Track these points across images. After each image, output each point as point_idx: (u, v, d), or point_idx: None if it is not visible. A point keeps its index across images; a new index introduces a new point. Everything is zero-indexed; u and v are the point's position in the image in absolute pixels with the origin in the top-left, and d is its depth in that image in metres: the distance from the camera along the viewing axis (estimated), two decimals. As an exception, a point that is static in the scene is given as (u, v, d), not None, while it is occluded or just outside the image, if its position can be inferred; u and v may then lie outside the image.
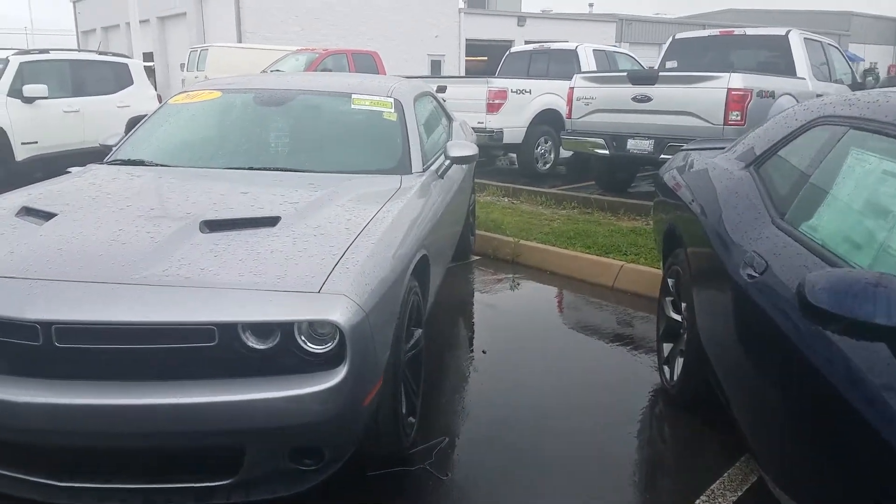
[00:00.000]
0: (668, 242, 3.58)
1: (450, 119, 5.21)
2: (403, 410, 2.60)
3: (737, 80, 6.63)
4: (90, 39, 31.08)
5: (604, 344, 4.01)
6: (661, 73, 7.09)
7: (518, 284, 5.21)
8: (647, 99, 7.10)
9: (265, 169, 3.24)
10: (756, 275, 2.27)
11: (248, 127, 3.70)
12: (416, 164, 3.51)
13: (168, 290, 2.00)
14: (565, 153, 9.30)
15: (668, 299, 3.54)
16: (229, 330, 1.98)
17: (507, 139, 9.16)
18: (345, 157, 3.49)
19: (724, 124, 6.68)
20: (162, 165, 3.32)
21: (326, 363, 2.05)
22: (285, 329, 2.02)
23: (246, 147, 3.50)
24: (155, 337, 1.95)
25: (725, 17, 40.38)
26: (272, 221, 2.49)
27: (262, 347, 2.02)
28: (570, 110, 7.83)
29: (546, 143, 9.73)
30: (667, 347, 3.50)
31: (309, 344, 2.05)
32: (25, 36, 48.35)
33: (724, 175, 2.97)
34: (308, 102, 3.80)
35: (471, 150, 3.75)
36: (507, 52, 11.44)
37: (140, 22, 27.57)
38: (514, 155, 10.10)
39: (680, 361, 3.24)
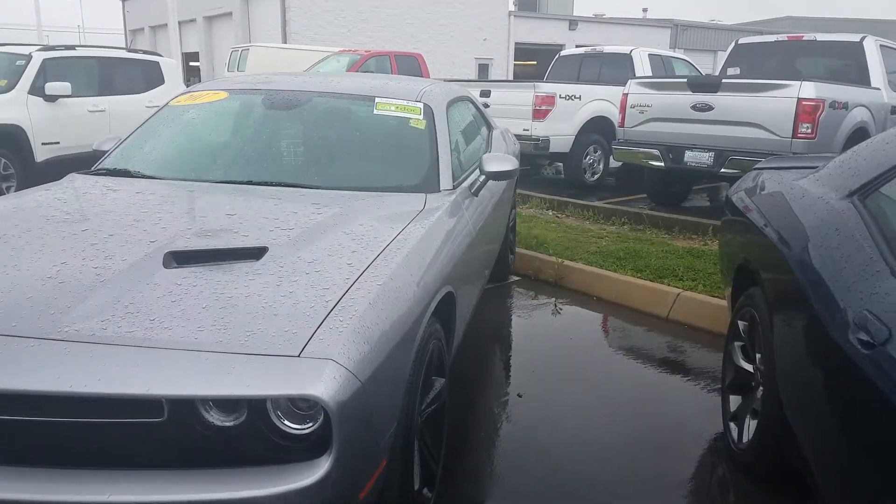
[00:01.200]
0: (740, 279, 3.02)
1: (490, 127, 4.71)
2: (416, 486, 2.12)
3: (808, 90, 5.99)
4: (139, 38, 31.57)
5: (659, 390, 3.46)
6: (724, 80, 6.47)
7: (560, 311, 4.68)
8: (709, 108, 6.48)
9: (266, 184, 2.80)
10: (873, 343, 1.72)
11: (252, 133, 3.27)
12: (446, 180, 3.04)
13: (100, 350, 1.56)
14: (615, 163, 8.72)
15: (738, 345, 2.98)
16: (182, 404, 1.53)
17: (553, 148, 8.63)
18: (361, 172, 3.04)
19: (792, 137, 6.05)
20: (149, 177, 2.92)
21: (308, 449, 1.59)
22: (254, 405, 1.56)
23: (247, 157, 3.08)
24: (82, 410, 1.52)
25: (783, 25, 38.85)
26: (257, 253, 2.04)
27: (225, 424, 1.57)
28: (623, 118, 7.25)
29: (595, 152, 9.15)
30: (734, 401, 2.95)
31: (286, 422, 1.59)
32: (78, 34, 49.67)
33: (817, 205, 2.41)
34: (324, 106, 3.36)
35: (509, 164, 3.26)
36: (557, 56, 10.89)
37: (187, 21, 27.90)
38: (561, 164, 9.55)
39: (752, 424, 2.68)
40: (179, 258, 2.00)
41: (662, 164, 6.88)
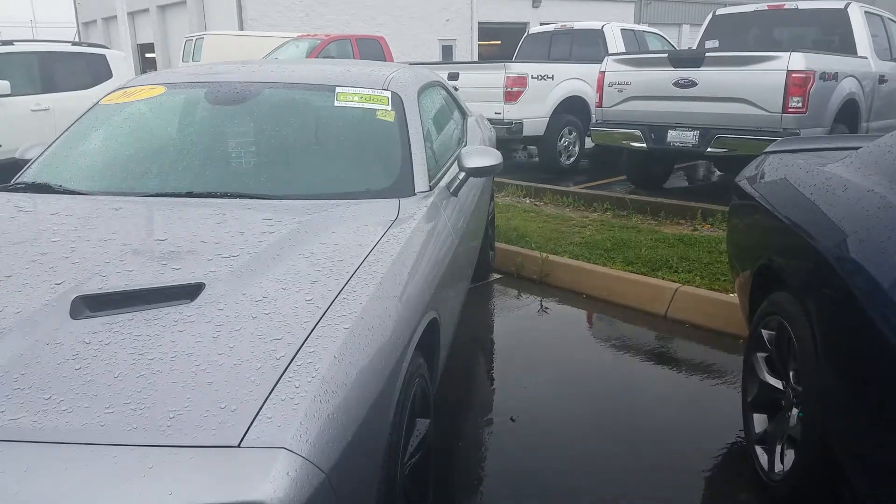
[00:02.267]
0: (762, 282, 2.66)
1: (464, 114, 4.29)
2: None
3: (798, 61, 5.66)
4: (91, 31, 30.32)
5: (668, 404, 3.10)
6: (707, 54, 6.11)
7: (547, 312, 4.30)
8: (692, 84, 6.13)
9: (209, 195, 2.35)
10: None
11: (193, 135, 2.81)
12: (421, 181, 2.62)
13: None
14: (590, 145, 8.36)
15: (762, 356, 2.63)
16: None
17: (527, 131, 8.23)
18: (322, 176, 2.60)
19: (782, 112, 5.73)
20: (71, 192, 2.44)
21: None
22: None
23: (187, 163, 2.61)
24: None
25: (747, -5, 38.82)
26: (190, 292, 1.61)
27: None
28: (601, 98, 6.88)
29: (570, 134, 8.78)
30: (759, 421, 2.60)
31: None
32: (31, 29, 47.79)
33: (868, 200, 2.04)
34: (276, 99, 2.91)
35: (492, 157, 2.85)
36: (526, 34, 10.46)
37: (140, 11, 26.81)
38: (534, 148, 9.16)
39: (788, 452, 2.33)
40: (92, 304, 1.56)
41: (644, 145, 6.52)
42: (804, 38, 7.39)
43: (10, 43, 7.75)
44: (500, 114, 8.05)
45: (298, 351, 1.40)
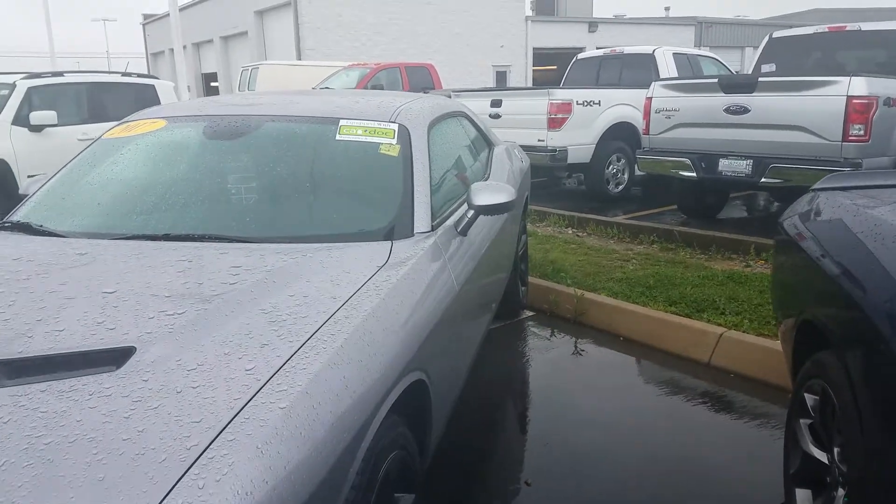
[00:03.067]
0: (805, 337, 2.33)
1: (490, 145, 4.07)
2: None
3: (859, 86, 5.24)
4: (159, 61, 31.59)
5: (710, 472, 2.77)
6: (760, 79, 5.74)
7: (581, 355, 4.01)
8: (744, 110, 5.76)
9: (185, 238, 2.20)
10: None
11: (182, 171, 2.67)
12: (422, 220, 2.41)
13: None
14: (640, 172, 8.01)
15: (805, 423, 2.29)
16: None
17: (572, 159, 7.94)
18: (310, 216, 2.42)
19: (842, 140, 5.30)
20: (48, 234, 2.33)
21: None
22: None
23: (170, 203, 2.47)
24: None
25: (812, 18, 37.52)
26: (116, 358, 1.43)
27: None
28: (648, 125, 6.56)
29: (619, 161, 8.45)
30: (802, 497, 2.26)
31: None
32: (107, 59, 50.31)
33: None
34: (275, 133, 2.75)
35: (504, 194, 2.61)
36: (574, 59, 10.22)
37: (204, 42, 27.81)
38: (582, 175, 8.85)
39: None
40: (8, 371, 1.40)
41: (694, 174, 6.16)
42: (869, 62, 6.91)
43: (60, 74, 8.00)
44: (543, 141, 7.81)
45: (215, 439, 1.20)
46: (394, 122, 2.77)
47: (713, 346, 3.80)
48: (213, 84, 27.71)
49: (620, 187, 8.56)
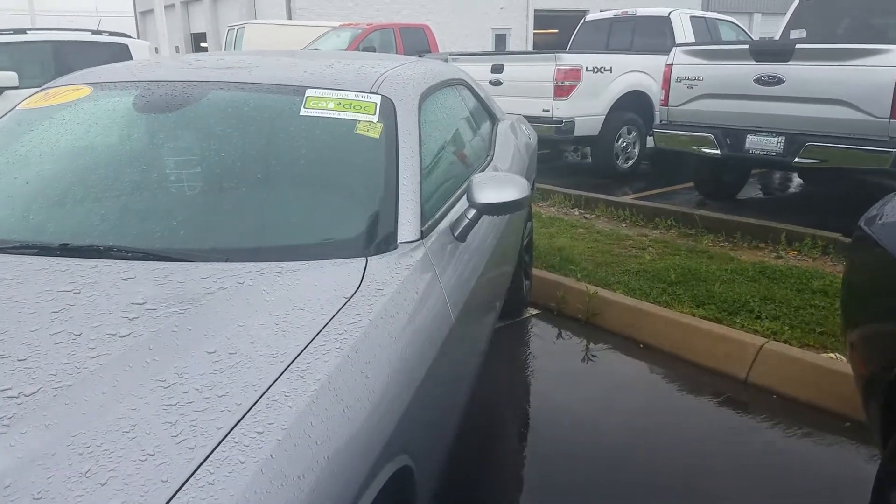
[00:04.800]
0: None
1: (493, 119, 3.46)
2: None
3: (912, 53, 4.61)
4: (147, 20, 30.44)
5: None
6: (798, 46, 5.10)
7: (592, 362, 3.46)
8: (778, 81, 5.13)
9: (86, 251, 1.61)
10: None
11: (98, 156, 2.07)
12: (409, 225, 1.83)
13: None
14: (652, 146, 7.41)
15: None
16: None
17: (579, 131, 7.32)
18: (258, 221, 1.83)
19: (890, 117, 4.69)
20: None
21: None
22: None
23: (76, 200, 1.88)
24: None
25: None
26: None
27: None
28: (667, 95, 5.92)
29: (629, 134, 7.82)
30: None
31: None
32: (96, 18, 48.80)
33: None
34: (223, 105, 2.15)
35: (515, 189, 2.02)
36: (582, 21, 9.50)
37: (192, 1, 26.68)
38: (588, 148, 8.23)
39: None
40: None
41: (718, 151, 5.55)
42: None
43: (22, 31, 7.30)
44: (548, 111, 7.17)
45: None
46: (376, 94, 2.17)
47: (751, 360, 3.25)
48: (202, 45, 26.68)
49: (630, 162, 7.95)
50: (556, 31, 26.38)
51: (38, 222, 1.80)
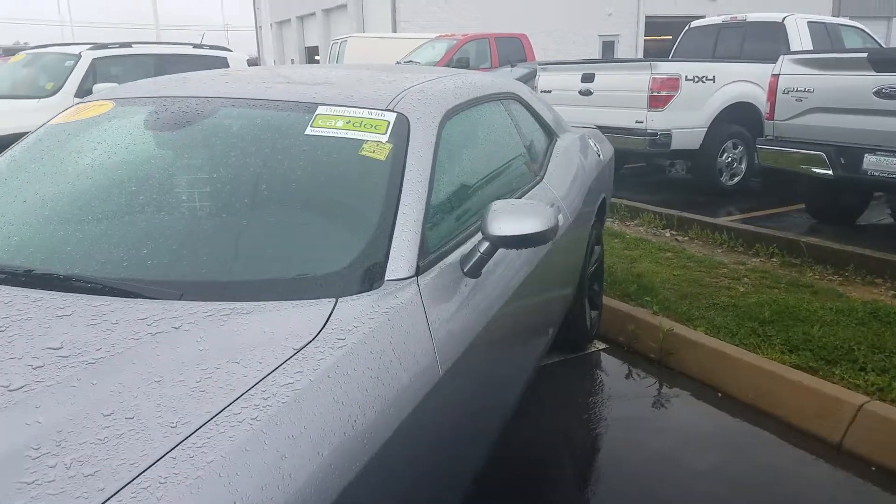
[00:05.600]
0: None
1: (550, 136, 3.14)
2: None
3: None
4: (263, 34, 31.95)
5: None
6: (930, 50, 4.43)
7: (663, 407, 3.07)
8: (904, 92, 4.48)
9: (52, 281, 1.49)
10: None
11: (98, 175, 1.95)
12: (401, 260, 1.60)
13: None
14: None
15: None
16: None
17: (676, 144, 6.81)
18: (229, 253, 1.64)
19: None
20: None
21: None
22: None
23: (61, 220, 1.77)
24: None
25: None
26: None
27: None
28: (773, 107, 5.35)
29: (735, 149, 7.21)
30: None
31: None
32: (225, 32, 52.01)
33: None
34: (228, 124, 2.01)
35: (534, 220, 1.72)
36: (687, 27, 8.91)
37: (307, 15, 27.71)
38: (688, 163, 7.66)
39: None
40: None
41: (830, 171, 4.93)
42: None
43: (128, 45, 7.69)
44: (642, 122, 6.71)
45: None
46: (391, 111, 1.95)
47: (848, 422, 2.75)
48: (316, 58, 27.68)
49: (736, 179, 7.32)
50: (669, 37, 25.29)
51: (17, 247, 1.69)
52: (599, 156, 3.65)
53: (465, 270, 1.76)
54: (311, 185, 1.79)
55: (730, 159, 7.23)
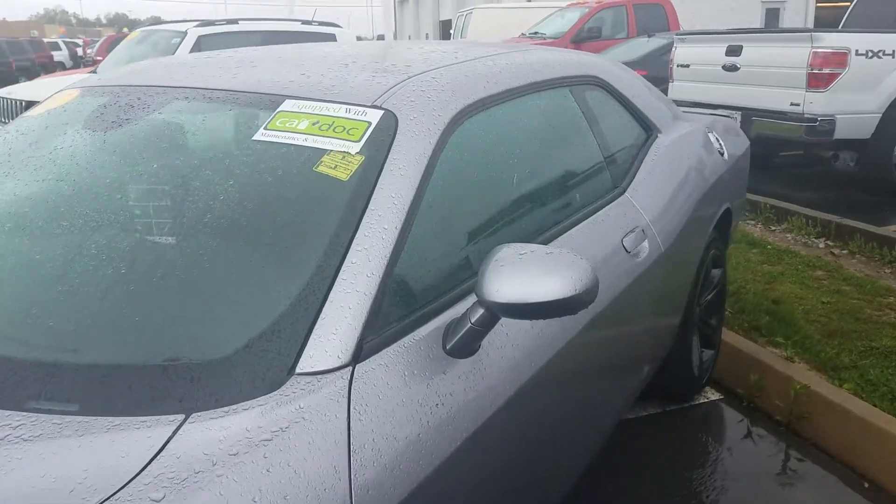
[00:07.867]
0: None
1: (648, 132, 2.38)
2: None
3: None
4: (404, 8, 31.98)
5: None
6: None
7: (783, 488, 2.29)
8: None
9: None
10: None
11: (45, 182, 1.52)
12: (329, 341, 1.07)
13: None
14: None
15: None
16: None
17: (841, 132, 5.66)
18: (68, 344, 1.13)
19: None
20: None
21: None
22: None
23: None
24: None
25: None
26: None
27: None
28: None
29: (918, 139, 5.89)
30: None
31: None
32: (369, 7, 52.96)
33: None
34: (167, 123, 1.53)
35: (556, 282, 1.09)
36: (864, -9, 7.48)
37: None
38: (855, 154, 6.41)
39: None
40: None
41: None
42: None
43: (234, 22, 7.59)
44: (798, 105, 5.62)
45: None
46: (377, 108, 1.39)
47: None
48: (450, 32, 27.41)
49: (916, 175, 6.00)
50: (847, 3, 22.35)
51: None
52: (723, 154, 2.83)
53: (446, 349, 1.16)
54: (223, 221, 1.24)
55: (910, 151, 5.93)
